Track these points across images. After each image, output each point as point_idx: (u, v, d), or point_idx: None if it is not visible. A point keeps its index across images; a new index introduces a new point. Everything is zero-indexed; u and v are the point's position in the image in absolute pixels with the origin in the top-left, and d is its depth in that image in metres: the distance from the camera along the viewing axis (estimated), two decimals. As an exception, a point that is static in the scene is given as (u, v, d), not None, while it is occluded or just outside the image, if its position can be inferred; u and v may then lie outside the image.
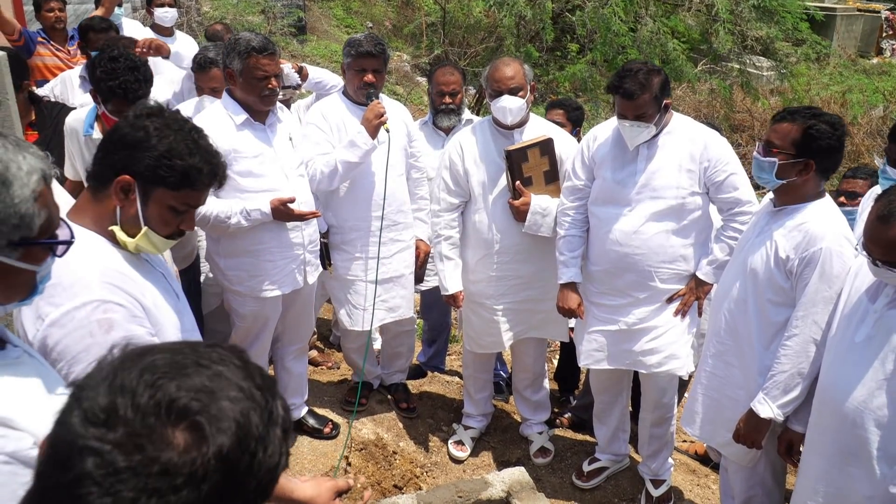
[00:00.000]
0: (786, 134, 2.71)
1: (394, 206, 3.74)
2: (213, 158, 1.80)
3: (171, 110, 1.83)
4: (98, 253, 1.74)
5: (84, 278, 1.67)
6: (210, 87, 3.80)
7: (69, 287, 1.64)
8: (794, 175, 2.72)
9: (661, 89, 3.14)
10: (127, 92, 3.10)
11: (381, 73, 3.67)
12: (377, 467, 3.75)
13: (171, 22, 5.46)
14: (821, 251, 2.64)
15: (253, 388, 0.87)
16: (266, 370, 0.96)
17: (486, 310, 3.76)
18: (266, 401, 0.88)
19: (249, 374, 0.89)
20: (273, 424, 0.87)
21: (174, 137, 1.73)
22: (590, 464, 3.91)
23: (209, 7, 10.81)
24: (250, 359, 0.93)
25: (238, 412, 0.83)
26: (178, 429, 0.79)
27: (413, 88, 10.90)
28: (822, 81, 12.39)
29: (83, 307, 1.64)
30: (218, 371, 0.86)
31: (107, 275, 1.71)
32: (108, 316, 1.65)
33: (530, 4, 9.78)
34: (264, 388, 0.89)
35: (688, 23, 11.40)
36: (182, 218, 1.82)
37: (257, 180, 3.25)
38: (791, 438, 2.81)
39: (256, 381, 0.89)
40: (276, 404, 0.89)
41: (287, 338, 3.71)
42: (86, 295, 1.65)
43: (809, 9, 11.59)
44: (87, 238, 1.73)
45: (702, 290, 3.35)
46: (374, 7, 13.48)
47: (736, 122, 11.29)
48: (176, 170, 1.73)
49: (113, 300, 1.68)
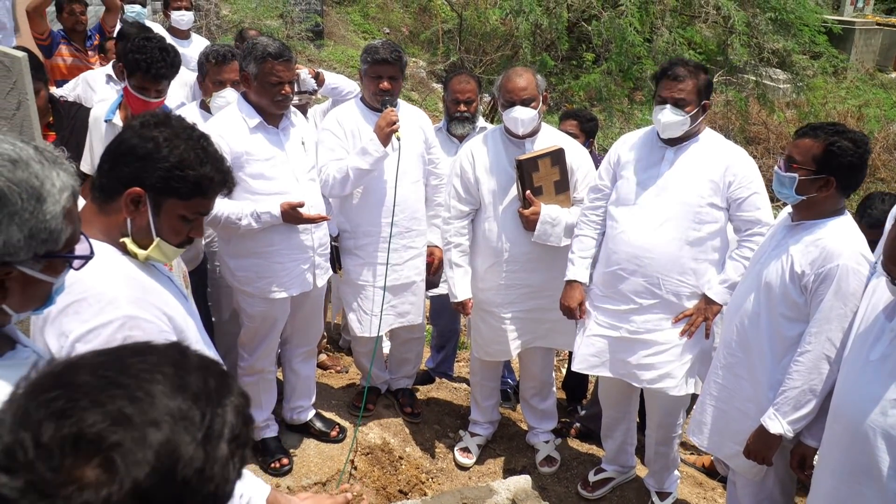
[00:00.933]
0: (807, 150, 2.69)
1: (407, 212, 3.76)
2: (222, 166, 1.79)
3: (177, 117, 1.81)
4: (116, 264, 1.73)
5: (109, 293, 1.65)
6: (232, 79, 3.75)
7: (95, 303, 1.62)
8: (813, 191, 2.70)
9: (706, 87, 3.18)
10: (150, 66, 3.24)
11: (398, 81, 3.70)
12: (383, 472, 3.76)
13: (188, 25, 5.51)
14: (837, 268, 2.62)
15: (186, 402, 0.78)
16: (217, 365, 0.89)
17: (495, 318, 3.77)
18: (204, 414, 0.79)
19: (183, 384, 0.80)
20: (215, 440, 0.79)
21: (184, 147, 1.72)
22: (596, 474, 3.90)
23: (228, 11, 10.90)
24: (191, 357, 0.86)
25: (161, 438, 0.75)
26: (88, 466, 0.72)
27: (428, 95, 10.93)
28: (839, 95, 12.33)
29: (109, 324, 1.62)
30: (142, 388, 0.78)
31: (132, 288, 1.70)
32: (133, 334, 1.63)
33: (547, 13, 9.80)
34: (204, 396, 0.81)
35: (704, 34, 11.37)
36: (192, 226, 1.81)
37: (268, 183, 3.29)
38: (804, 453, 2.80)
39: (193, 390, 0.80)
40: (220, 413, 0.81)
41: (296, 340, 3.74)
42: (112, 311, 1.63)
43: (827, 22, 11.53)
44: (101, 250, 1.71)
45: (711, 311, 3.28)
46: (392, 13, 13.53)
47: (751, 134, 11.25)
48: (188, 180, 1.72)
49: (141, 315, 1.66)
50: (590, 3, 10.32)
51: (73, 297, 1.62)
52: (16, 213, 1.21)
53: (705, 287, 3.28)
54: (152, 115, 1.80)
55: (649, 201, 3.26)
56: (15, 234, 1.22)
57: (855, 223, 2.82)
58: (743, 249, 3.22)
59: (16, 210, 1.21)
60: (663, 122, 3.17)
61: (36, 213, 1.23)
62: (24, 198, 1.21)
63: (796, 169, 2.70)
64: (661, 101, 3.19)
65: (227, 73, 3.78)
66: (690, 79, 3.14)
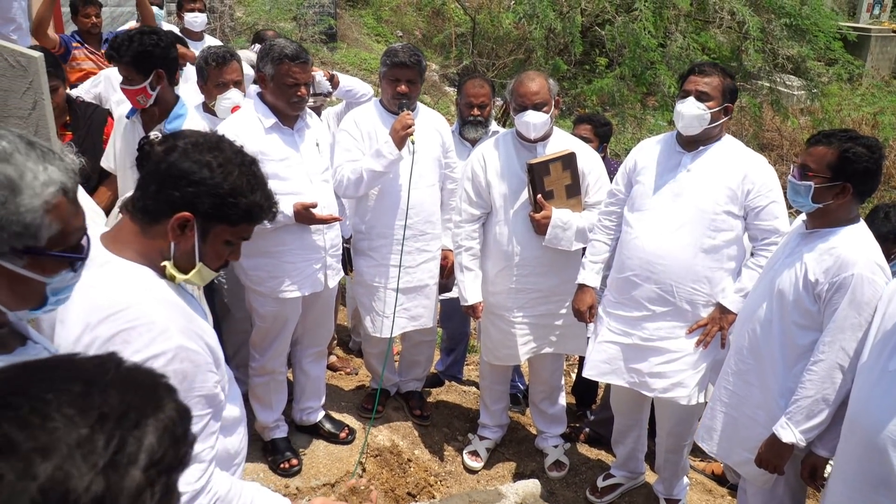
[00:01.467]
0: (821, 157, 2.68)
1: (422, 216, 3.77)
2: (270, 192, 1.77)
3: (229, 141, 1.77)
4: (159, 290, 1.69)
5: (160, 323, 1.60)
6: (233, 80, 3.71)
7: (146, 332, 1.58)
8: (830, 198, 2.69)
9: (731, 90, 3.18)
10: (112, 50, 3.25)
11: (416, 85, 3.71)
12: (392, 474, 3.76)
13: (201, 27, 5.54)
14: (852, 277, 2.61)
15: (88, 425, 0.70)
16: (150, 378, 0.81)
17: (505, 322, 3.77)
18: (111, 438, 0.71)
19: (89, 405, 0.72)
20: (123, 467, 0.71)
21: (238, 174, 1.69)
22: (604, 479, 3.89)
23: (242, 13, 10.95)
24: (116, 371, 0.78)
25: (48, 470, 0.67)
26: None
27: (441, 98, 10.94)
28: (854, 102, 12.25)
29: (162, 355, 1.58)
30: (37, 411, 0.70)
31: (179, 317, 1.66)
32: (183, 367, 1.61)
33: (560, 18, 9.79)
34: (115, 418, 0.73)
35: (718, 39, 11.33)
36: (232, 249, 1.79)
37: (282, 183, 3.29)
38: (815, 463, 2.78)
39: (102, 410, 0.73)
40: (135, 436, 0.73)
41: (306, 341, 3.75)
42: (164, 342, 1.59)
43: (843, 29, 11.47)
44: (139, 273, 1.68)
45: (726, 320, 3.24)
46: (405, 16, 13.55)
47: (765, 140, 11.20)
48: (240, 207, 1.69)
49: (190, 347, 1.64)
50: (603, 7, 10.30)
51: (121, 324, 1.58)
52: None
53: (720, 296, 3.26)
54: (204, 137, 1.76)
55: (664, 207, 3.25)
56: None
57: (869, 231, 2.80)
58: (759, 258, 3.19)
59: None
60: (684, 113, 3.15)
61: (8, 203, 1.19)
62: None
63: (812, 177, 2.68)
64: (684, 93, 3.18)
65: (227, 74, 3.72)
66: (717, 76, 3.14)
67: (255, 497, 1.78)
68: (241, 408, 1.97)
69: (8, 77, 2.73)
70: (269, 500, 1.82)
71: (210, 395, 1.68)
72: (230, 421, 1.90)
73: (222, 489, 1.72)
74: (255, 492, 1.81)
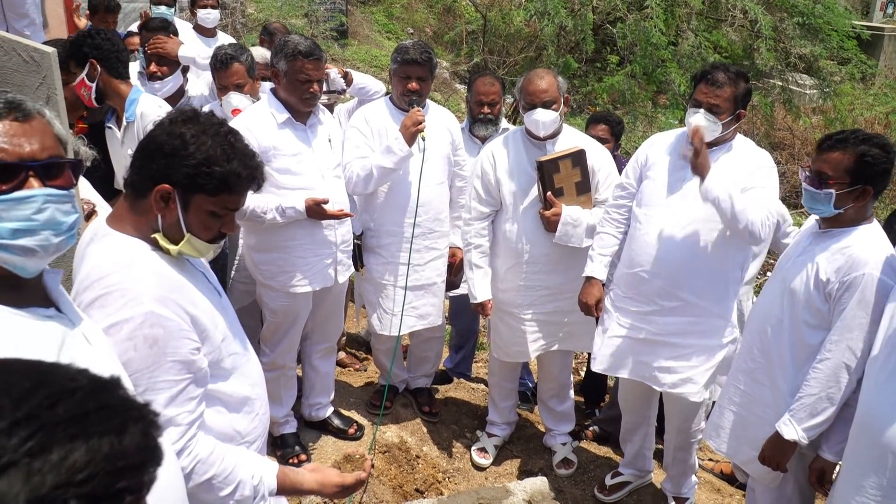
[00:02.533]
0: (838, 163, 2.65)
1: (430, 214, 3.77)
2: (250, 161, 1.79)
3: (206, 114, 1.82)
4: (145, 261, 1.74)
5: (134, 289, 1.66)
6: (234, 83, 3.74)
7: (119, 298, 1.65)
8: (851, 202, 2.67)
9: (743, 96, 3.13)
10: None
11: (427, 82, 3.71)
12: (400, 470, 3.77)
13: (213, 23, 5.56)
14: (863, 277, 2.60)
15: (10, 421, 0.69)
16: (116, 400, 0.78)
17: (514, 319, 3.77)
18: (29, 439, 0.68)
19: (22, 402, 0.71)
20: (33, 470, 0.68)
21: (211, 143, 1.72)
22: (612, 478, 3.89)
23: (254, 9, 10.98)
24: (76, 384, 0.76)
25: None
26: None
27: (451, 95, 10.94)
28: (867, 102, 12.16)
29: (131, 320, 1.64)
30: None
31: (159, 284, 1.71)
32: (153, 331, 1.66)
33: (571, 15, 9.77)
34: (49, 421, 0.70)
35: (730, 38, 11.27)
36: (222, 221, 1.81)
37: (294, 178, 3.32)
38: (822, 467, 2.77)
39: (36, 411, 0.71)
40: (64, 446, 0.70)
41: (316, 336, 3.76)
42: (135, 307, 1.65)
43: (856, 28, 11.39)
44: (132, 245, 1.75)
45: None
46: (416, 13, 13.56)
47: (776, 139, 11.14)
48: (214, 177, 1.72)
49: (163, 314, 1.68)
50: (615, 5, 10.27)
51: (99, 291, 1.66)
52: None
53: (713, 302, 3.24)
54: (181, 111, 1.81)
55: (674, 204, 3.24)
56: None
57: (883, 231, 2.78)
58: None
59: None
60: (695, 125, 3.13)
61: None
62: None
63: (832, 184, 2.66)
64: (695, 103, 3.15)
65: (226, 77, 3.75)
66: (729, 86, 3.08)
67: (240, 459, 1.80)
68: (252, 389, 1.98)
69: (21, 72, 2.75)
70: (254, 461, 1.84)
71: (186, 361, 1.72)
72: (236, 399, 1.92)
73: (203, 452, 1.74)
74: (240, 455, 1.83)
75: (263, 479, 1.82)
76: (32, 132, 1.35)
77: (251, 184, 1.82)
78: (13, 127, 1.33)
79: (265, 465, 1.86)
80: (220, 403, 1.89)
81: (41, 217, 1.33)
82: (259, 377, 2.05)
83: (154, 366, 1.66)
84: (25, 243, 1.32)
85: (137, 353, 1.64)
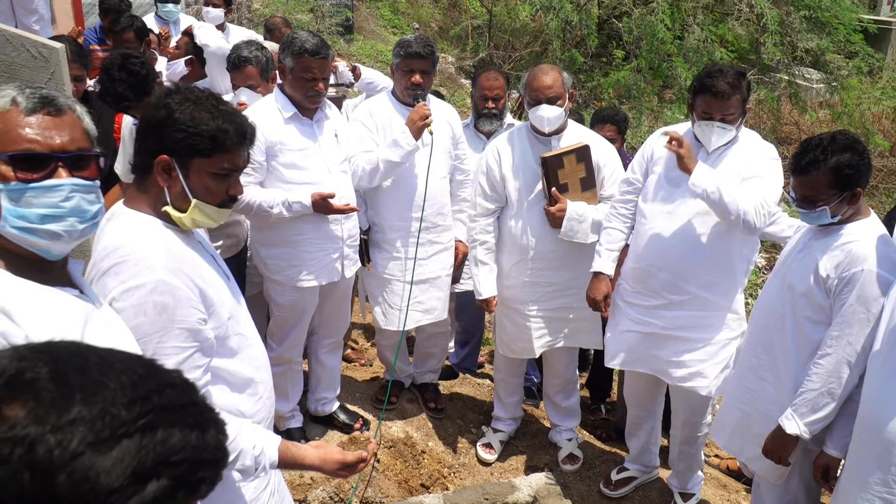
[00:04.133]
0: (819, 183, 2.64)
1: (434, 208, 3.77)
2: (236, 118, 1.87)
3: (188, 87, 1.91)
4: (158, 234, 1.82)
5: (147, 258, 1.75)
6: (246, 84, 3.85)
7: (133, 266, 1.73)
8: (846, 206, 2.68)
9: (747, 94, 3.13)
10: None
11: (430, 75, 3.71)
12: (405, 465, 3.78)
13: (217, 21, 5.62)
14: (862, 272, 2.60)
15: (129, 399, 0.76)
16: (203, 407, 0.85)
17: (520, 315, 3.77)
18: (142, 415, 0.76)
19: (139, 383, 0.79)
20: (140, 442, 0.75)
21: (194, 107, 1.81)
22: (618, 473, 3.89)
23: (259, 5, 10.98)
24: (176, 380, 0.84)
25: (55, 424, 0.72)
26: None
27: (457, 90, 10.93)
28: (874, 96, 12.10)
29: (143, 286, 1.72)
30: (98, 369, 0.78)
31: (170, 256, 1.79)
32: (163, 299, 1.73)
33: (577, 10, 9.75)
34: (158, 404, 0.78)
35: (736, 32, 11.23)
36: (228, 183, 1.88)
37: (301, 173, 3.33)
38: (827, 463, 2.76)
39: (149, 393, 0.78)
40: (167, 429, 0.77)
41: (322, 331, 3.77)
42: (147, 275, 1.73)
43: (863, 21, 11.34)
44: (144, 220, 1.83)
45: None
46: (422, 8, 13.55)
47: (783, 134, 11.11)
48: (204, 136, 1.80)
49: (173, 283, 1.75)
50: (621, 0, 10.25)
51: (114, 259, 1.74)
52: None
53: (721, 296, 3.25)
54: (167, 88, 1.91)
55: (679, 198, 3.23)
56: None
57: (882, 225, 2.78)
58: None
59: None
60: (713, 137, 3.11)
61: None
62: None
63: (823, 204, 2.66)
64: (706, 115, 3.11)
65: (240, 79, 3.86)
66: (736, 93, 3.06)
67: (242, 430, 1.83)
68: (257, 371, 2.02)
69: (30, 68, 2.76)
70: (256, 433, 1.87)
71: (193, 329, 1.79)
72: (240, 379, 1.97)
73: None
74: (243, 425, 1.85)
75: (265, 451, 1.84)
76: (63, 126, 1.44)
77: (242, 139, 1.88)
78: (46, 121, 1.42)
79: (267, 436, 1.89)
80: (224, 382, 1.94)
81: (68, 205, 1.43)
82: (265, 362, 2.09)
83: (162, 331, 1.73)
84: (53, 228, 1.41)
85: (147, 319, 1.72)
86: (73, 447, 0.71)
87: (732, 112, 3.08)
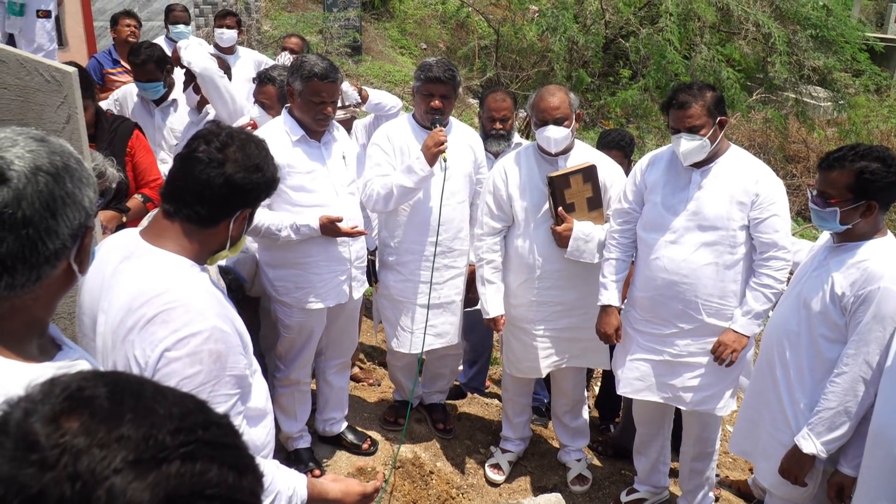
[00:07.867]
0: (838, 181, 2.67)
1: (450, 232, 3.78)
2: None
3: (240, 136, 1.90)
4: (199, 279, 1.79)
5: (197, 304, 1.70)
6: (261, 100, 4.09)
7: (184, 313, 1.67)
8: (857, 217, 2.69)
9: (715, 104, 3.14)
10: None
11: (450, 100, 3.71)
12: (414, 486, 3.77)
13: (229, 42, 5.71)
14: (878, 290, 2.60)
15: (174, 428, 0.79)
16: (245, 453, 0.87)
17: (527, 334, 3.77)
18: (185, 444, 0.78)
19: (188, 415, 0.82)
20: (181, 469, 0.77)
21: (264, 158, 1.88)
22: (628, 494, 3.86)
23: (269, 26, 11.09)
24: (224, 423, 0.87)
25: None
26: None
27: (464, 110, 10.98)
28: (882, 114, 12.10)
29: (199, 334, 1.67)
30: (151, 398, 0.82)
31: (213, 300, 1.76)
32: (218, 347, 1.69)
33: (583, 30, 9.81)
34: (203, 439, 0.80)
35: (744, 51, 11.26)
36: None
37: (308, 195, 3.34)
38: (841, 482, 2.75)
39: (194, 426, 0.81)
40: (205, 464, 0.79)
41: (330, 352, 3.77)
42: (201, 322, 1.68)
43: (869, 40, 11.36)
44: (176, 261, 1.79)
45: (739, 343, 3.18)
46: (429, 29, 13.63)
47: (791, 152, 11.11)
48: (272, 186, 1.91)
49: (225, 329, 1.72)
50: (627, 19, 10.30)
51: (160, 306, 1.67)
52: (82, 178, 1.29)
53: (730, 321, 3.23)
54: (228, 135, 1.87)
55: (682, 227, 3.24)
56: (89, 195, 1.31)
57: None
58: (760, 277, 3.15)
59: (81, 175, 1.29)
60: (682, 151, 3.15)
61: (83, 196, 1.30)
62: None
63: (835, 203, 2.67)
64: (674, 131, 3.17)
65: (259, 93, 4.14)
66: (697, 102, 3.09)
67: (276, 472, 1.84)
68: (267, 401, 2.02)
69: (43, 91, 2.80)
70: (287, 473, 1.88)
71: (240, 376, 1.77)
72: (255, 412, 1.95)
73: None
74: (276, 467, 1.87)
75: (297, 490, 1.85)
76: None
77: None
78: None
79: (296, 476, 1.90)
80: (244, 417, 1.93)
81: None
82: (265, 386, 2.09)
83: (216, 380, 1.69)
84: None
85: (203, 367, 1.67)
86: (114, 464, 0.73)
87: (695, 119, 3.09)
